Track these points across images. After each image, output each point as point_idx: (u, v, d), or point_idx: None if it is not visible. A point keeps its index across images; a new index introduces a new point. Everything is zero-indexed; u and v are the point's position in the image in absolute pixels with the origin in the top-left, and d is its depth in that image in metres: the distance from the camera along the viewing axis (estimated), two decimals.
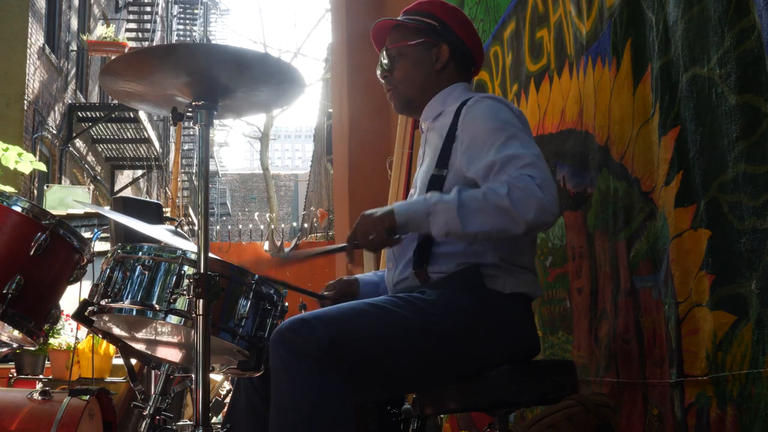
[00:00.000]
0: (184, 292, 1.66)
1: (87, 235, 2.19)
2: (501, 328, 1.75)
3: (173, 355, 2.06)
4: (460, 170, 1.80)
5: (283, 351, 1.57)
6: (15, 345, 2.28)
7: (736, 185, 1.49)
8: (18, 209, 1.99)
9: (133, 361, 2.10)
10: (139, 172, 18.32)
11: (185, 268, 1.73)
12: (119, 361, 3.50)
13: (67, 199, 8.88)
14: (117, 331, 1.95)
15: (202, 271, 1.59)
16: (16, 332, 2.03)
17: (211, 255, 1.65)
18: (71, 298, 2.15)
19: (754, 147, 1.44)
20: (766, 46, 1.40)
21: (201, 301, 1.58)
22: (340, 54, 6.02)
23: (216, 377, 4.47)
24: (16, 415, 2.15)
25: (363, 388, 1.70)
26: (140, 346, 2.05)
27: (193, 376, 1.83)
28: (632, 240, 1.94)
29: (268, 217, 14.69)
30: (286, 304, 1.86)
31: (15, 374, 3.90)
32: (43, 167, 5.23)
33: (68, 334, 4.01)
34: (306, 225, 15.72)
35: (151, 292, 1.73)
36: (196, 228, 2.64)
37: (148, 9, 18.16)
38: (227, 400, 4.18)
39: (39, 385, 3.47)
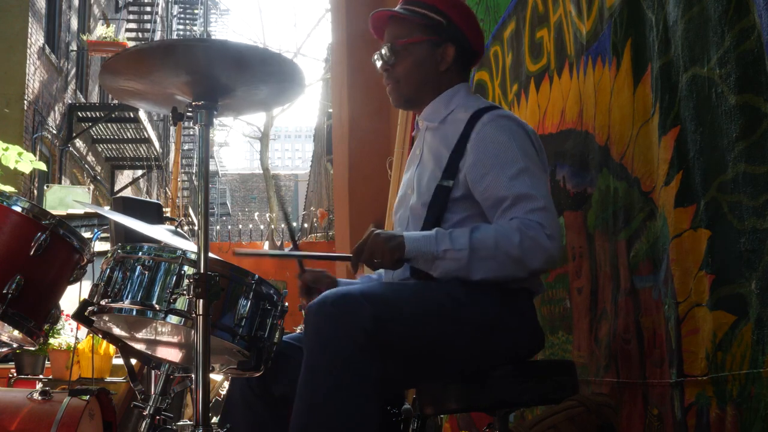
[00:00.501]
0: (184, 292, 1.66)
1: (87, 235, 2.19)
2: (517, 321, 1.78)
3: (173, 355, 2.06)
4: (466, 184, 1.81)
5: (325, 326, 1.56)
6: (15, 345, 2.28)
7: (735, 185, 1.49)
8: (18, 209, 1.99)
9: (133, 361, 2.10)
10: (139, 172, 18.32)
11: (185, 268, 1.73)
12: (119, 361, 3.51)
13: (67, 199, 8.88)
14: (117, 331, 1.95)
15: (202, 271, 1.59)
16: (16, 332, 2.03)
17: (211, 255, 1.65)
18: (71, 298, 2.15)
19: (753, 147, 1.44)
20: (766, 46, 1.40)
21: (201, 301, 1.58)
22: (340, 54, 6.01)
23: (216, 377, 4.47)
24: (16, 415, 2.14)
25: (391, 374, 1.70)
26: (140, 346, 2.05)
27: (193, 376, 1.83)
28: (632, 240, 1.94)
29: (268, 217, 14.68)
30: (286, 304, 1.86)
31: (15, 374, 3.90)
32: (43, 167, 5.23)
33: (68, 334, 4.01)
34: (306, 225, 15.73)
35: (151, 292, 1.73)
36: (196, 228, 2.64)
37: (148, 9, 18.17)
38: None
39: (39, 385, 3.47)
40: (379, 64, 1.99)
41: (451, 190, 1.82)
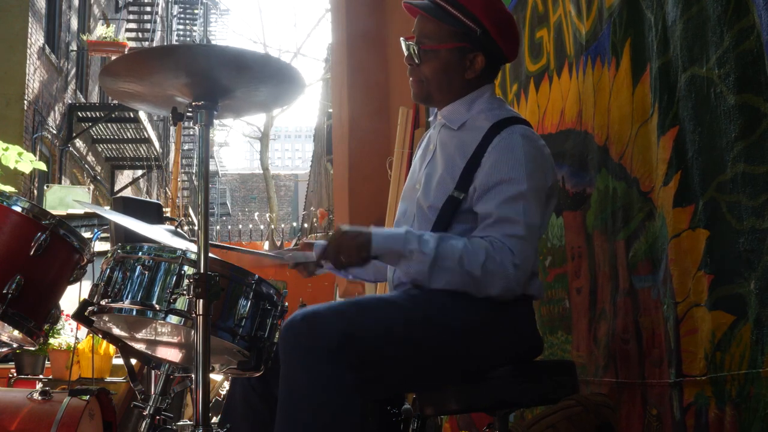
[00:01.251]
0: (184, 292, 1.67)
1: (87, 235, 2.19)
2: (509, 327, 1.76)
3: (173, 355, 2.06)
4: (474, 198, 1.80)
5: (295, 342, 1.58)
6: (15, 345, 2.29)
7: (734, 185, 1.49)
8: (18, 209, 1.99)
9: (133, 361, 2.10)
10: (139, 172, 18.32)
11: (185, 268, 1.73)
12: (119, 361, 3.50)
13: (67, 199, 8.87)
14: (117, 331, 1.96)
15: (202, 271, 1.60)
16: (16, 332, 2.03)
17: (211, 255, 1.65)
18: (71, 298, 2.15)
19: (753, 147, 1.44)
20: (765, 46, 1.40)
21: (201, 301, 1.58)
22: (340, 54, 6.02)
23: (216, 377, 4.47)
24: (16, 415, 2.15)
25: (372, 383, 1.70)
26: (140, 346, 2.06)
27: (193, 376, 1.83)
28: (631, 240, 1.94)
29: (268, 217, 14.69)
30: (286, 304, 1.87)
31: (15, 374, 3.90)
32: (43, 167, 5.23)
33: (68, 334, 4.01)
34: (306, 225, 15.72)
35: (151, 292, 1.73)
36: (196, 228, 2.64)
37: (148, 9, 18.16)
38: None
39: (39, 385, 3.47)
40: (406, 55, 1.92)
41: (462, 203, 1.80)
